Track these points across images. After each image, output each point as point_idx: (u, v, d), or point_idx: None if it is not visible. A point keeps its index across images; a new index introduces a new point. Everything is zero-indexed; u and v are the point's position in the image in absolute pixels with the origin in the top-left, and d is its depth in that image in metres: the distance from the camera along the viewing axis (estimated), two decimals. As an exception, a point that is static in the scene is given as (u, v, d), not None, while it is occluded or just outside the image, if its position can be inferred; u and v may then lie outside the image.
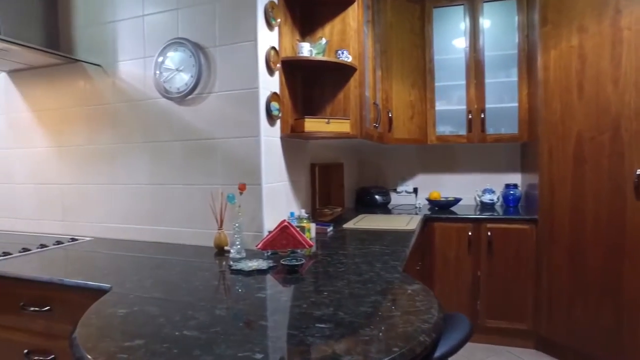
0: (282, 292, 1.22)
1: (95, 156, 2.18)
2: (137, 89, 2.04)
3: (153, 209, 2.04)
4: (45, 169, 2.35)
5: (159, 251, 1.84)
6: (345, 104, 2.14)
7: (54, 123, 2.30)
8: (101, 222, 2.19)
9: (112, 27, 2.09)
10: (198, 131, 1.90)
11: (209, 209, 1.86)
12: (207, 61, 1.86)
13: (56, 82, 2.28)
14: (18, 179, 2.46)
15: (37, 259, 1.75)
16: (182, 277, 1.40)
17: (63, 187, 2.30)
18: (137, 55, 2.02)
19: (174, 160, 1.97)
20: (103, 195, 2.17)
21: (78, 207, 2.26)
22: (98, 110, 2.16)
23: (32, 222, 2.42)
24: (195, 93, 1.89)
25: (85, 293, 1.36)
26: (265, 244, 1.68)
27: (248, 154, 1.80)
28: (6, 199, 2.52)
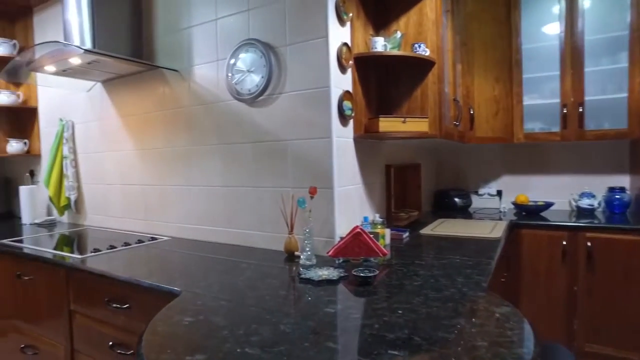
0: (353, 307, 1.12)
1: (173, 158, 2.26)
2: (211, 92, 2.07)
3: (226, 211, 2.05)
4: (130, 171, 2.50)
5: (231, 254, 1.84)
6: (422, 101, 1.99)
7: (137, 127, 2.43)
8: (178, 222, 2.26)
9: (188, 33, 2.14)
10: (269, 133, 1.88)
11: (279, 213, 1.83)
12: (278, 61, 1.82)
13: (139, 88, 2.40)
14: (108, 180, 2.65)
15: (120, 256, 1.84)
16: (250, 283, 1.36)
17: (145, 188, 2.42)
18: (211, 59, 2.05)
19: (246, 162, 1.96)
20: (180, 196, 2.24)
21: (158, 207, 2.36)
22: (175, 114, 2.23)
23: (119, 220, 2.59)
24: (265, 94, 1.86)
25: (158, 295, 1.38)
26: (337, 251, 1.60)
27: (319, 156, 1.73)
28: (99, 198, 2.73)
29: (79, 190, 2.87)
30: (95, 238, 2.35)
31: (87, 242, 2.26)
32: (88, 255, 1.87)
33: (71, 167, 2.84)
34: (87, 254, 1.89)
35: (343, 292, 1.26)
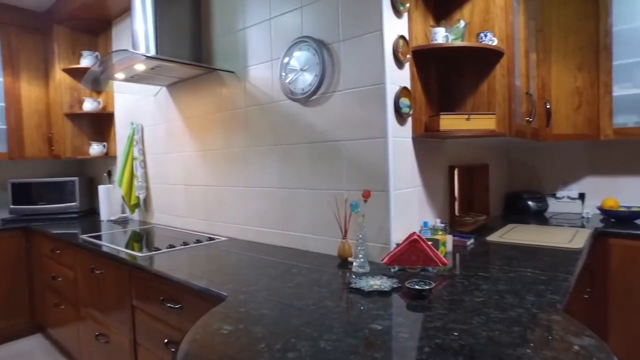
0: (403, 324, 1.02)
1: (231, 159, 2.29)
2: (265, 92, 2.05)
3: (282, 213, 2.03)
4: (192, 171, 2.57)
5: (285, 257, 1.80)
6: (489, 96, 1.80)
7: (199, 129, 2.50)
8: (236, 223, 2.28)
9: (243, 34, 2.15)
10: (323, 133, 1.81)
11: (334, 216, 1.76)
12: (331, 58, 1.75)
13: (199, 90, 2.46)
14: (173, 180, 2.76)
15: (177, 256, 1.89)
16: (298, 291, 1.31)
17: (206, 189, 2.48)
18: (265, 59, 2.04)
19: (301, 163, 1.92)
20: (238, 197, 2.26)
21: (217, 208, 2.41)
22: (232, 115, 2.25)
23: (183, 220, 2.68)
24: (319, 93, 1.80)
25: (207, 297, 1.38)
26: (392, 258, 1.50)
27: (374, 158, 1.63)
28: (165, 197, 2.85)
29: (148, 189, 3.02)
30: (159, 236, 2.45)
31: (152, 240, 2.36)
32: (148, 253, 1.95)
33: (140, 168, 3.00)
34: (147, 253, 1.96)
35: (394, 305, 1.16)
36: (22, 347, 3.06)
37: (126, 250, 2.07)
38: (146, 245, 2.25)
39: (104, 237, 2.49)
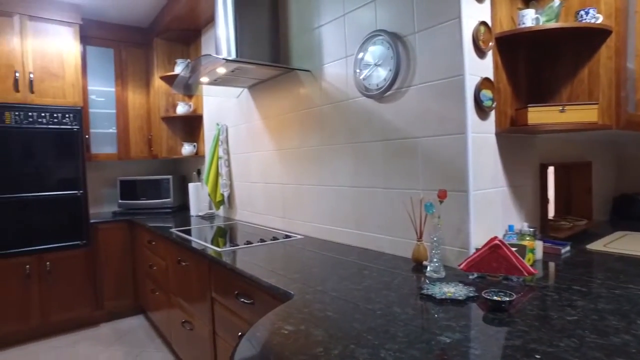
0: (475, 339, 0.92)
1: (307, 158, 2.30)
2: (340, 90, 2.02)
3: (356, 212, 1.99)
4: (270, 170, 2.64)
5: (358, 257, 1.76)
6: (590, 83, 1.57)
7: (276, 128, 2.56)
8: (312, 221, 2.29)
9: (318, 32, 2.14)
10: (398, 130, 1.73)
11: (408, 217, 1.67)
12: (406, 51, 1.66)
13: (277, 90, 2.52)
14: (253, 178, 2.86)
15: (253, 252, 1.94)
16: (365, 294, 1.26)
17: (283, 187, 2.53)
18: (340, 56, 2.01)
19: (375, 161, 1.86)
20: (313, 195, 2.27)
21: (294, 206, 2.44)
22: (308, 114, 2.26)
23: (262, 217, 2.77)
24: (394, 88, 1.72)
25: (275, 295, 1.39)
26: (470, 264, 1.38)
27: (452, 155, 1.51)
28: (246, 195, 2.98)
29: (231, 187, 3.18)
30: (239, 232, 2.55)
31: (232, 236, 2.47)
32: (226, 249, 2.03)
33: (225, 167, 3.17)
34: (226, 248, 2.05)
35: (468, 316, 1.05)
36: (127, 325, 3.42)
37: (206, 244, 2.18)
38: (227, 240, 2.36)
39: (191, 231, 2.67)
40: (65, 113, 3.25)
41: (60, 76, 3.24)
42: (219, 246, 2.12)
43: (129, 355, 2.87)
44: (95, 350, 2.96)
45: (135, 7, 3.40)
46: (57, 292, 3.23)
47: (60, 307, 3.24)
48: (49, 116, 3.18)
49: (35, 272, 3.15)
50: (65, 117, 3.25)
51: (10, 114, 3.05)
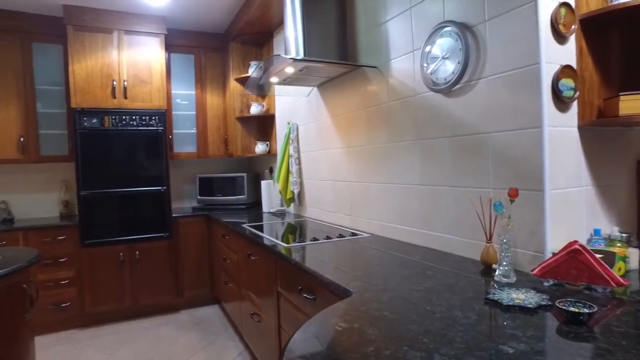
0: (544, 352, 0.83)
1: (374, 155, 2.27)
2: (407, 85, 1.97)
3: (423, 211, 1.92)
4: (339, 168, 2.65)
5: (424, 257, 1.71)
6: (700, 66, 1.35)
7: (344, 126, 2.56)
8: (379, 219, 2.26)
9: (385, 27, 2.10)
10: (466, 125, 1.64)
11: (478, 217, 1.58)
12: (475, 41, 1.57)
13: (345, 88, 2.52)
14: (322, 176, 2.90)
15: (319, 249, 1.97)
16: (426, 296, 1.21)
17: (350, 185, 2.53)
18: (406, 50, 1.95)
19: (442, 159, 1.78)
20: (380, 193, 2.23)
21: (361, 204, 2.43)
22: (375, 111, 2.23)
23: (331, 214, 2.79)
24: (462, 81, 1.64)
25: (336, 291, 1.39)
26: (544, 269, 1.26)
27: (526, 151, 1.40)
28: (316, 192, 3.02)
29: (301, 185, 3.25)
30: (308, 229, 2.60)
31: (300, 233, 2.52)
32: (292, 244, 2.08)
33: (295, 165, 3.24)
34: (291, 244, 2.10)
35: (537, 327, 0.97)
36: (203, 313, 3.65)
37: (275, 240, 2.25)
38: (296, 237, 2.41)
39: (262, 227, 2.77)
40: (152, 115, 3.56)
41: (148, 82, 3.55)
42: (287, 242, 2.17)
43: (204, 341, 3.07)
44: (176, 334, 3.20)
45: (213, 15, 3.61)
46: (144, 278, 3.55)
47: (148, 292, 3.56)
48: (138, 119, 3.50)
49: (127, 260, 3.49)
50: (152, 120, 3.55)
51: (109, 118, 3.41)
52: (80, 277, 3.36)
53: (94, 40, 3.37)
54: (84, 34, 3.33)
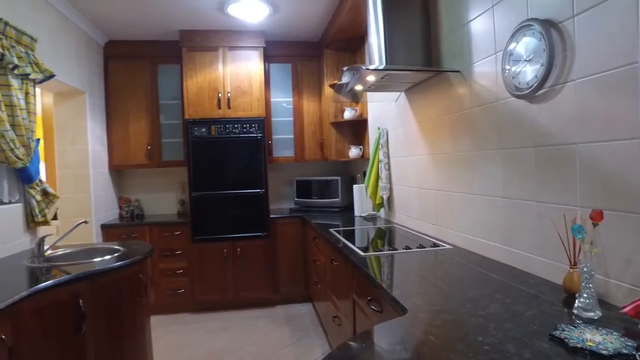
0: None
1: (457, 164, 2.15)
2: (490, 90, 1.83)
3: (505, 226, 1.77)
4: (425, 175, 2.57)
5: (502, 275, 1.58)
6: None
7: (430, 132, 2.47)
8: (461, 231, 2.14)
9: (467, 29, 1.98)
10: (550, 134, 1.47)
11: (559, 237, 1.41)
12: (561, 40, 1.39)
13: (430, 93, 2.43)
14: (409, 183, 2.83)
15: (395, 259, 1.94)
16: (483, 323, 1.13)
17: (436, 193, 2.43)
18: (489, 53, 1.81)
19: (526, 170, 1.62)
20: (463, 204, 2.12)
21: (445, 214, 2.32)
22: (459, 117, 2.11)
23: (417, 222, 2.72)
24: (546, 86, 1.47)
25: (395, 307, 1.37)
26: (638, 309, 1.08)
27: (621, 166, 1.21)
28: (403, 199, 2.97)
29: (391, 190, 3.21)
30: (393, 236, 2.57)
31: (384, 239, 2.51)
32: (368, 253, 2.08)
33: (385, 170, 3.22)
34: (368, 253, 2.10)
35: (604, 376, 0.84)
36: (296, 310, 3.85)
37: (352, 246, 2.27)
38: (376, 244, 2.41)
39: (347, 232, 2.82)
40: (252, 123, 3.86)
41: (249, 92, 3.85)
42: (365, 250, 2.18)
43: (293, 337, 3.24)
44: (269, 328, 3.43)
45: (307, 24, 3.76)
46: (245, 273, 3.87)
47: (247, 286, 3.88)
48: (240, 127, 3.83)
49: (230, 255, 3.85)
50: (252, 127, 3.85)
51: (215, 127, 3.80)
52: (191, 268, 3.81)
53: (203, 58, 3.78)
54: (195, 53, 3.76)
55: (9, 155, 2.27)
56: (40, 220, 2.58)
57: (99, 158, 3.73)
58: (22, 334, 1.64)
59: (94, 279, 2.00)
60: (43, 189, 2.61)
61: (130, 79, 3.96)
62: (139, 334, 2.32)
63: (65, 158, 3.46)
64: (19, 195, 2.51)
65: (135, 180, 4.31)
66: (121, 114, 3.96)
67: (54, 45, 2.97)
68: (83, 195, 3.49)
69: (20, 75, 2.40)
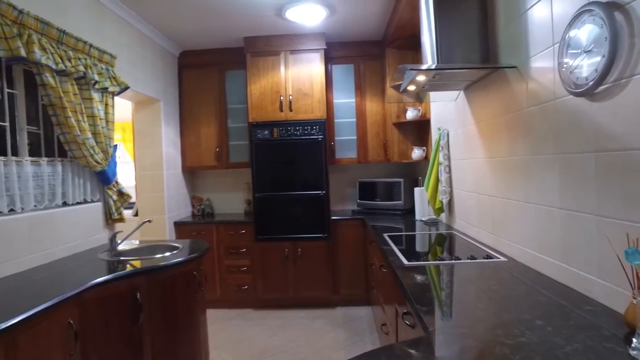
0: None
1: (513, 169, 1.96)
2: (546, 88, 1.63)
3: (562, 240, 1.57)
4: (482, 180, 2.38)
5: (554, 297, 1.40)
6: None
7: (487, 134, 2.28)
8: (517, 242, 1.95)
9: (525, 18, 1.78)
10: (614, 137, 1.27)
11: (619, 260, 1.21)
12: (628, 24, 1.19)
13: (487, 91, 2.24)
14: (468, 187, 2.65)
15: (440, 271, 1.83)
16: (507, 356, 1.01)
17: (493, 200, 2.24)
18: (546, 45, 1.61)
19: (585, 179, 1.42)
20: (519, 213, 1.92)
21: (502, 223, 2.13)
22: (515, 118, 1.92)
23: (475, 230, 2.53)
24: (608, 80, 1.27)
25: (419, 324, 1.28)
26: None
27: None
28: (462, 204, 2.78)
29: (451, 194, 3.03)
30: (446, 244, 2.42)
31: (436, 248, 2.37)
32: (412, 263, 1.98)
33: (445, 173, 3.04)
34: (412, 262, 1.99)
35: None
36: (355, 313, 3.80)
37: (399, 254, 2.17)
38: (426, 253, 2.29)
39: (401, 237, 2.72)
40: (313, 125, 3.89)
41: (310, 95, 3.89)
42: (410, 259, 2.08)
43: (348, 340, 3.21)
44: (326, 329, 3.44)
45: (366, 24, 3.69)
46: (305, 273, 3.92)
47: (307, 286, 3.93)
48: (301, 129, 3.88)
49: (291, 255, 3.92)
50: (313, 129, 3.88)
51: (277, 130, 3.90)
52: (254, 266, 3.95)
53: (266, 63, 3.89)
54: (258, 58, 3.89)
55: (89, 160, 2.55)
56: (117, 218, 2.86)
57: (172, 160, 4.04)
58: (87, 320, 1.84)
59: (150, 274, 2.16)
60: (119, 190, 2.89)
61: (200, 85, 4.22)
62: (193, 327, 2.46)
63: (143, 160, 3.81)
64: (99, 195, 2.81)
65: (207, 180, 4.59)
66: (193, 119, 4.25)
67: (131, 60, 3.27)
68: (158, 195, 3.80)
69: (100, 89, 2.68)
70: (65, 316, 1.70)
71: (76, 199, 2.58)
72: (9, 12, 2.01)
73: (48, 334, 1.61)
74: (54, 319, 1.64)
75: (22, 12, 2.07)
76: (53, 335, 1.64)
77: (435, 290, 1.56)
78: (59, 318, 1.67)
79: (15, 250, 2.08)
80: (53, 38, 2.29)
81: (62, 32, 2.34)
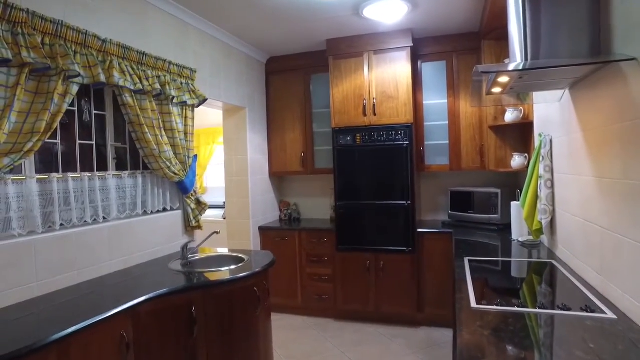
0: None
1: (630, 196, 1.48)
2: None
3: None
4: (590, 203, 1.89)
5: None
6: None
7: (595, 145, 1.79)
8: (632, 295, 1.48)
9: None
10: None
11: None
12: None
13: (596, 90, 1.75)
14: (572, 210, 2.14)
15: (518, 321, 1.48)
16: None
17: (602, 232, 1.75)
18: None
19: None
20: (637, 258, 1.44)
21: (612, 264, 1.65)
22: (633, 128, 1.44)
23: (578, 263, 2.04)
24: None
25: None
26: None
27: None
28: (565, 228, 2.27)
29: (553, 214, 2.51)
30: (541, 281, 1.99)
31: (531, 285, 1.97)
32: (480, 307, 1.64)
33: (546, 188, 2.53)
34: (481, 305, 1.65)
35: None
36: (441, 335, 3.45)
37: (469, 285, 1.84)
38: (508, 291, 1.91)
39: (480, 262, 2.33)
40: (398, 130, 3.60)
41: (395, 97, 3.60)
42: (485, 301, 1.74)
43: (424, 372, 2.90)
44: (404, 352, 3.17)
45: (456, 15, 3.26)
46: (387, 287, 3.68)
47: (389, 301, 3.68)
48: (385, 134, 3.63)
49: (372, 267, 3.72)
50: (397, 134, 3.60)
51: (360, 135, 3.71)
52: (335, 275, 3.84)
53: (348, 65, 3.72)
54: (340, 61, 3.74)
55: (166, 172, 2.70)
56: (195, 225, 3.00)
57: (258, 166, 4.13)
58: (141, 331, 1.92)
59: (207, 290, 2.19)
60: (197, 199, 3.02)
61: (286, 90, 4.24)
62: (251, 343, 2.44)
63: (231, 167, 3.96)
64: (179, 203, 2.97)
65: (294, 185, 4.61)
66: (279, 124, 4.28)
67: (214, 71, 3.40)
68: (243, 200, 3.92)
69: (179, 103, 2.81)
70: (118, 328, 1.79)
71: (156, 207, 2.76)
72: (94, 43, 2.19)
73: (100, 345, 1.71)
74: (107, 331, 1.74)
75: (105, 40, 2.24)
76: (105, 346, 1.73)
77: (500, 349, 1.24)
78: (111, 330, 1.76)
79: (97, 256, 2.29)
80: (133, 60, 2.45)
81: (142, 54, 2.50)
